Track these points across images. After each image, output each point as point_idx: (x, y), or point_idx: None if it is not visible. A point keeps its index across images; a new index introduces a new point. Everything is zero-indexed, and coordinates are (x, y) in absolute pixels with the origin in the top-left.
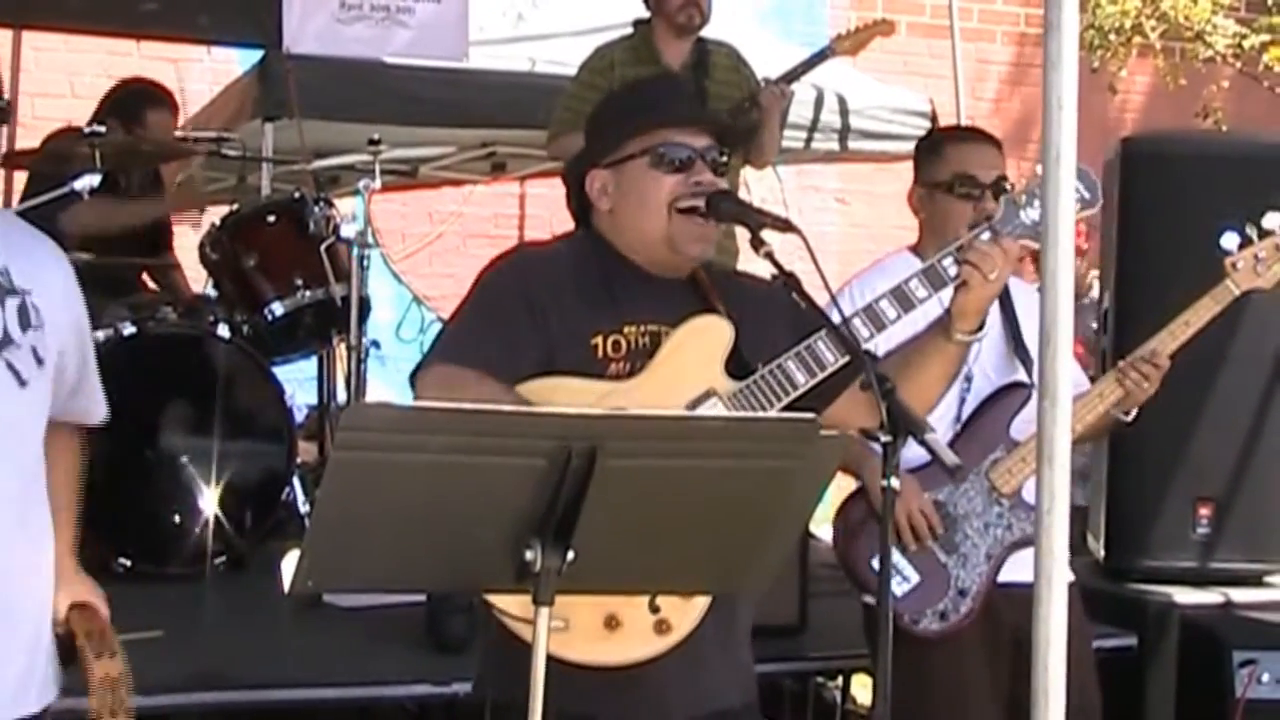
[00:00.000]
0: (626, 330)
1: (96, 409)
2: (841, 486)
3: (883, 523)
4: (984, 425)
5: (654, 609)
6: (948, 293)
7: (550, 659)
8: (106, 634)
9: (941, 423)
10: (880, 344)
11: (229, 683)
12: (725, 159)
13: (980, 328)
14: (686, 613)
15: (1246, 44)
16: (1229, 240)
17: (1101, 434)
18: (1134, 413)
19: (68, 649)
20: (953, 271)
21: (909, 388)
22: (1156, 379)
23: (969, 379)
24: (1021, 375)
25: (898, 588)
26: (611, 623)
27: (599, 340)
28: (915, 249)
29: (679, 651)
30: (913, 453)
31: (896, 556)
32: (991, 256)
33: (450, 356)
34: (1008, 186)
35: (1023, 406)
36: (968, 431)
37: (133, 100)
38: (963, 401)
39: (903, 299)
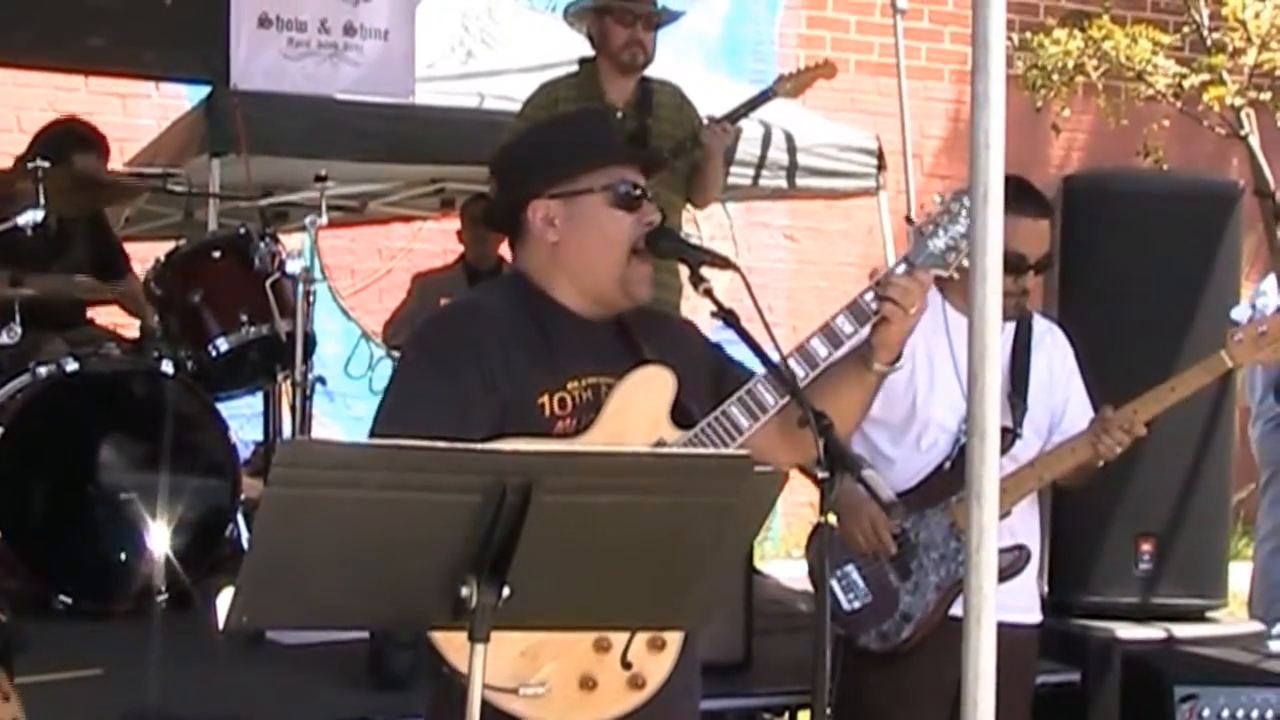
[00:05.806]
0: (570, 386)
1: None
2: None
3: (824, 558)
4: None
5: (626, 665)
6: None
7: None
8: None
9: (936, 452)
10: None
11: None
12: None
13: (898, 359)
14: (658, 665)
15: (1187, 84)
16: (1240, 313)
17: (1079, 480)
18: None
19: None
20: (875, 305)
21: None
22: (1127, 444)
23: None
24: (1008, 420)
25: (849, 602)
26: (588, 683)
27: (545, 399)
28: None
29: (654, 703)
30: (902, 474)
31: (853, 573)
32: (910, 291)
33: (401, 424)
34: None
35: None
36: (955, 467)
37: (59, 141)
38: (956, 440)
39: (832, 336)
